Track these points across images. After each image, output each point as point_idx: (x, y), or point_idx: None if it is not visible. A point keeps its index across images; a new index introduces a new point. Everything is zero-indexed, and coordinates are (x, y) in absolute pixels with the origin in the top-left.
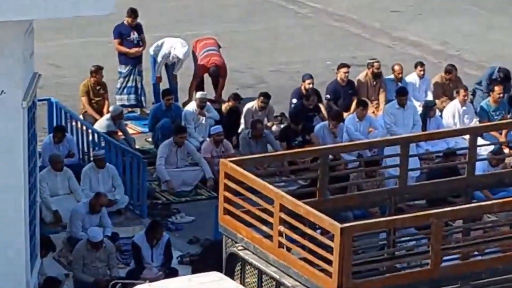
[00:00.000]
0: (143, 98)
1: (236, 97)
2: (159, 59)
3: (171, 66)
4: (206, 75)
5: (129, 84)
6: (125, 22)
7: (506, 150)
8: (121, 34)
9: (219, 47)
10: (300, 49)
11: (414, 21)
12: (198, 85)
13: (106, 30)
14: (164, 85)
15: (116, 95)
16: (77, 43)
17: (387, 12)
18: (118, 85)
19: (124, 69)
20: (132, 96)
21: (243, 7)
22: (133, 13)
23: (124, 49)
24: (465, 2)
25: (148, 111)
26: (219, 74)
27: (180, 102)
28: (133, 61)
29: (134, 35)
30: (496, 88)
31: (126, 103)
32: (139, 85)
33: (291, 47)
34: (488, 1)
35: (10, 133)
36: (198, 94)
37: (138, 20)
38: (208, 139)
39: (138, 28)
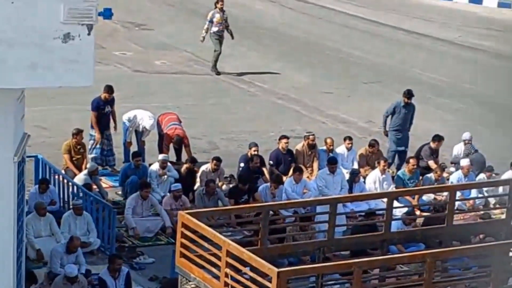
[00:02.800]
0: (110, 158)
1: (192, 160)
2: (129, 128)
3: (140, 133)
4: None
5: (98, 146)
6: (102, 96)
7: (418, 212)
8: (98, 107)
9: (180, 121)
10: (248, 121)
11: (343, 102)
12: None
13: (85, 99)
14: (134, 148)
15: (88, 154)
16: (60, 109)
17: (321, 93)
18: (89, 146)
19: (95, 133)
20: (99, 156)
21: (200, 84)
22: (109, 89)
23: (96, 126)
24: (388, 89)
25: (118, 169)
26: (182, 143)
27: (147, 163)
28: (103, 128)
29: (108, 108)
30: (411, 160)
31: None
32: (105, 147)
33: (240, 119)
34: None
35: (2, 183)
36: (160, 157)
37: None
38: (168, 194)
39: (111, 102)
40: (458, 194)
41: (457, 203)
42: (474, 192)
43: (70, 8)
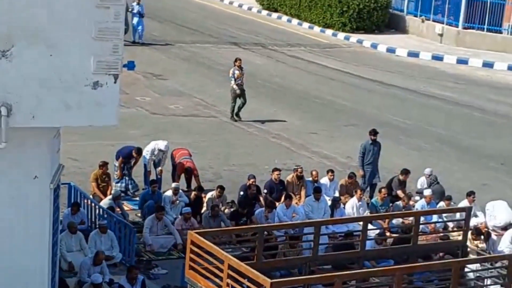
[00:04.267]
0: (129, 186)
1: (200, 188)
2: (147, 156)
3: (157, 163)
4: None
5: (121, 180)
6: (133, 154)
7: (388, 233)
8: (126, 157)
9: (190, 155)
10: (247, 156)
11: (327, 141)
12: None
13: (110, 135)
14: (152, 177)
15: (112, 182)
16: (89, 144)
17: (308, 134)
18: (115, 176)
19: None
20: (122, 185)
21: (207, 125)
22: (138, 152)
23: (120, 169)
24: (364, 130)
25: (138, 195)
26: (192, 174)
27: (162, 190)
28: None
29: (133, 160)
30: (383, 190)
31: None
32: (126, 174)
33: (241, 154)
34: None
35: (41, 206)
36: (173, 185)
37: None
38: (180, 216)
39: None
40: (422, 219)
41: (421, 226)
42: (435, 217)
43: (99, 61)
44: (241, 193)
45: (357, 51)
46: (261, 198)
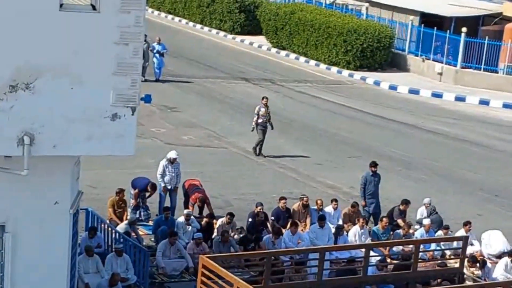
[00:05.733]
0: (142, 214)
1: (211, 216)
2: (160, 180)
3: (173, 193)
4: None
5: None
6: (148, 188)
7: (389, 260)
8: (141, 189)
9: (201, 185)
10: (255, 185)
11: (331, 171)
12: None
13: (127, 164)
14: (166, 204)
15: (128, 208)
16: (107, 172)
17: (313, 164)
18: (130, 203)
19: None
20: (136, 213)
21: (218, 155)
22: (153, 187)
23: (135, 198)
24: (367, 162)
25: (152, 220)
26: (205, 202)
27: (176, 216)
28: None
29: (147, 193)
30: (384, 219)
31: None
32: (140, 204)
33: (250, 183)
34: (387, 163)
35: (60, 230)
36: (185, 211)
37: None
38: (192, 241)
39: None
40: (421, 246)
41: (420, 253)
42: (433, 245)
43: (118, 94)
44: (250, 219)
45: (361, 87)
46: (269, 225)
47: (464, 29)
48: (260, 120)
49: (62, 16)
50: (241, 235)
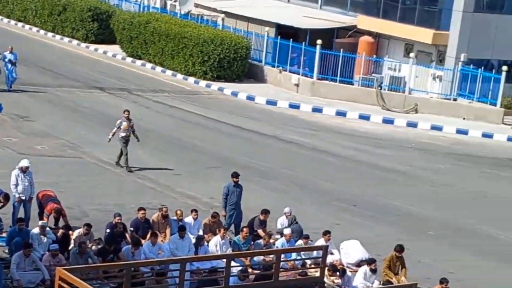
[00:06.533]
0: None
1: (67, 227)
2: (14, 190)
3: (27, 203)
4: None
5: None
6: (1, 199)
7: (250, 270)
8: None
9: (56, 196)
10: (113, 196)
11: (191, 182)
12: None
13: None
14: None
15: None
16: None
17: (173, 175)
18: None
19: None
20: None
21: (73, 165)
22: (6, 198)
23: None
24: (226, 173)
25: (5, 232)
26: (60, 214)
27: (30, 227)
28: None
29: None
30: (244, 229)
31: None
32: None
33: (107, 194)
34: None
35: None
36: (40, 223)
37: None
38: (47, 252)
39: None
40: (282, 256)
41: (281, 263)
42: (294, 255)
43: None
44: (108, 230)
45: (219, 98)
46: (128, 236)
47: (319, 41)
48: (122, 134)
49: None
50: (99, 246)
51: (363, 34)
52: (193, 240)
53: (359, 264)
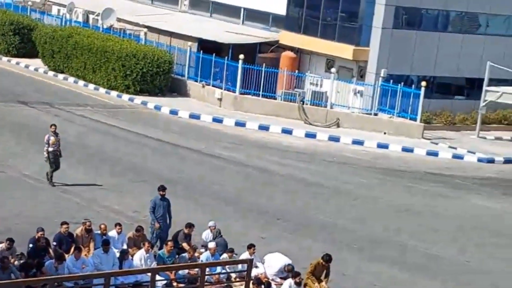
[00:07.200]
0: None
1: None
2: None
3: None
4: None
5: None
6: None
7: (175, 284)
8: None
9: None
10: (36, 210)
11: (115, 195)
12: None
13: None
14: None
15: None
16: None
17: (98, 189)
18: None
19: None
20: None
21: None
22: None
23: None
24: (150, 186)
25: None
26: None
27: None
28: None
29: None
30: (169, 243)
31: None
32: None
33: (29, 208)
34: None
35: None
36: None
37: None
38: None
39: None
40: (207, 270)
41: (206, 277)
42: (219, 269)
43: None
44: (30, 245)
45: (142, 112)
46: (51, 250)
47: (241, 56)
48: (51, 149)
49: None
50: (21, 261)
51: (285, 49)
52: (117, 254)
53: (285, 278)
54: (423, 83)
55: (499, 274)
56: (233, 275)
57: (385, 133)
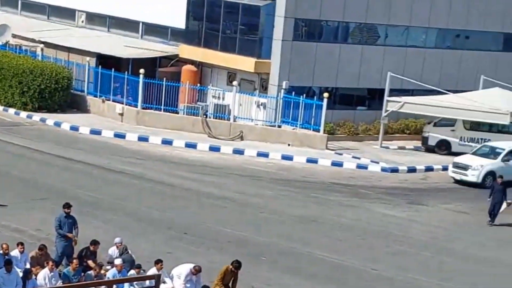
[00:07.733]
0: None
1: None
2: None
3: None
4: None
5: None
6: None
7: None
8: None
9: None
10: None
11: (15, 214)
12: None
13: None
14: None
15: None
16: None
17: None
18: None
19: None
20: None
21: None
22: None
23: None
24: (56, 205)
25: None
26: None
27: None
28: None
29: None
30: (74, 261)
31: None
32: None
33: None
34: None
35: None
36: None
37: None
38: None
39: None
40: (114, 287)
41: None
42: (127, 285)
43: None
44: None
45: (42, 128)
46: None
47: (142, 71)
48: None
49: None
50: None
51: (186, 63)
52: (21, 274)
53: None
54: (325, 94)
55: (404, 282)
56: None
57: (289, 144)
